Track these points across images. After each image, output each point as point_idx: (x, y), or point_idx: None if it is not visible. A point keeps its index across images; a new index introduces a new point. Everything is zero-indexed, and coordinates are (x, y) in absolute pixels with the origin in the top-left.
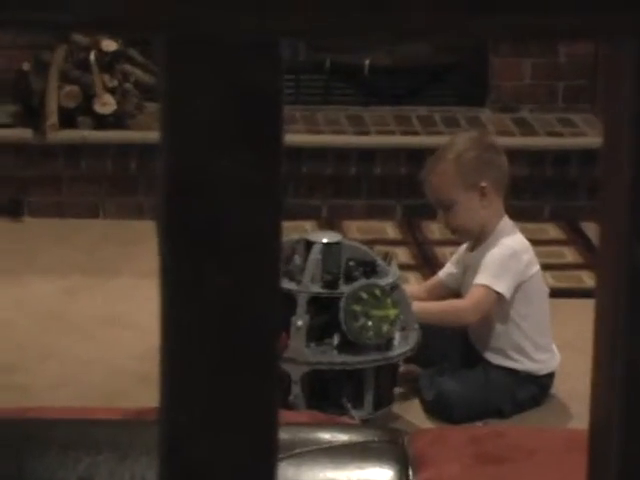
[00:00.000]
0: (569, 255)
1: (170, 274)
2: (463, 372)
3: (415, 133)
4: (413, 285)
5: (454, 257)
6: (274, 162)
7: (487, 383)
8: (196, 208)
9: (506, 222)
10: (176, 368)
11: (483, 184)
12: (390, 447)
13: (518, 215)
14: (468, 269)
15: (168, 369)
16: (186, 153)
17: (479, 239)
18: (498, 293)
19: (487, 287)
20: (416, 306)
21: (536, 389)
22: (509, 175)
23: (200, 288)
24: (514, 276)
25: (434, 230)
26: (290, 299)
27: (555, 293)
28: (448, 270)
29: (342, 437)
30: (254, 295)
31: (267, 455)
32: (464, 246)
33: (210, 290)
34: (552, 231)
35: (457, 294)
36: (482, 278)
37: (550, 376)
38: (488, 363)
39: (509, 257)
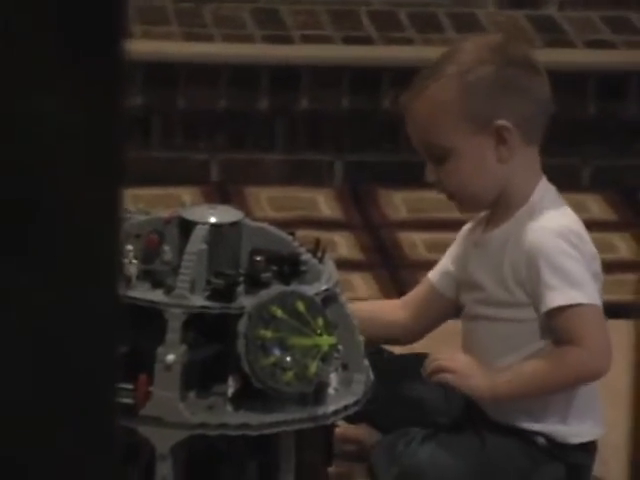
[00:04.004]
0: (621, 246)
1: None
2: (444, 437)
3: (366, 41)
4: (382, 301)
5: (453, 248)
6: (112, 93)
7: (483, 456)
8: None
9: (546, 187)
10: None
11: (501, 122)
12: None
13: None
14: (482, 255)
15: None
16: None
17: (501, 211)
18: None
19: (581, 305)
20: (508, 381)
21: (564, 469)
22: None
23: None
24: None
25: (398, 203)
26: (155, 318)
27: None
28: (443, 268)
29: None
30: (80, 306)
31: None
32: (467, 227)
33: (6, 300)
34: (594, 206)
35: (454, 309)
36: (559, 293)
37: (589, 448)
38: (487, 423)
39: (570, 249)
